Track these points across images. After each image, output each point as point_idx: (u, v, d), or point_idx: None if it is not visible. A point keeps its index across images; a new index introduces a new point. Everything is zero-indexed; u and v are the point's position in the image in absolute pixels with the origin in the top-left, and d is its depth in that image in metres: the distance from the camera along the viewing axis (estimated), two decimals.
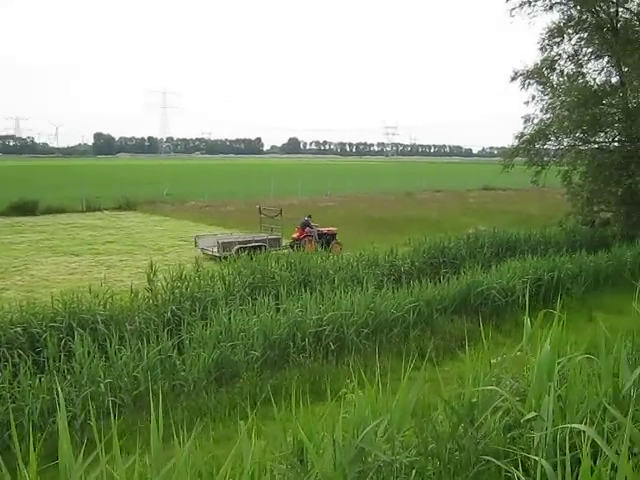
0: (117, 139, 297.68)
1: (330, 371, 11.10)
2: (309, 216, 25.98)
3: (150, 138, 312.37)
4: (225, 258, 18.71)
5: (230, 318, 11.70)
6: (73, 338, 10.45)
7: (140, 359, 10.18)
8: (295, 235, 24.92)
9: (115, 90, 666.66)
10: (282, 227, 25.56)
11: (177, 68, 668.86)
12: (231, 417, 9.36)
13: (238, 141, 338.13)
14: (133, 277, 18.71)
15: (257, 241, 23.72)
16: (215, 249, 23.13)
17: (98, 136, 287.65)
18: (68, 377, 9.62)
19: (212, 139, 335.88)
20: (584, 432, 2.98)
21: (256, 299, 12.91)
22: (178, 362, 10.55)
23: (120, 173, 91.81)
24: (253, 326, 11.51)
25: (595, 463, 2.86)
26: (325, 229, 25.83)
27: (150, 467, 3.03)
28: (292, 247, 23.48)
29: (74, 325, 11.12)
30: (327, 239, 25.02)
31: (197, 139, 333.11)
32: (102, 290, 12.77)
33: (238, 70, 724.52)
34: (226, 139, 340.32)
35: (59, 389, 3.57)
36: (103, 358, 10.15)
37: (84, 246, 27.51)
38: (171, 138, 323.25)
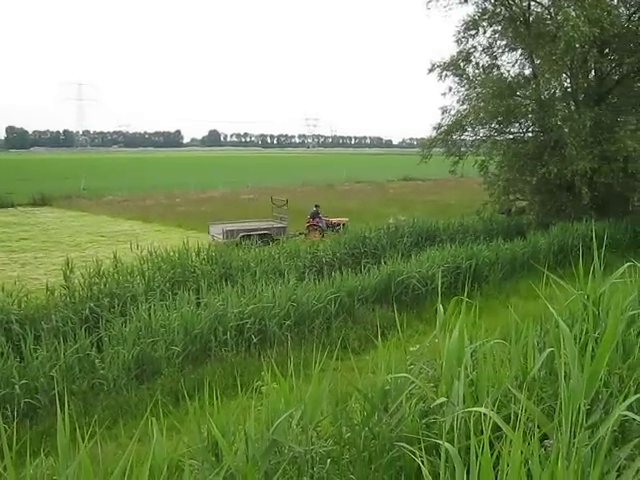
0: (31, 133, 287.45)
1: (252, 364, 11.09)
2: (317, 206, 27.01)
3: (66, 131, 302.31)
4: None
5: (150, 314, 11.53)
6: None
7: (57, 358, 9.95)
8: (307, 224, 25.98)
9: (28, 82, 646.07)
10: (289, 216, 26.27)
11: (93, 59, 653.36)
12: (152, 414, 9.24)
13: (157, 134, 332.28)
14: (49, 275, 18.22)
15: (262, 229, 24.27)
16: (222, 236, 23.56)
17: (10, 129, 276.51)
18: None
19: (130, 132, 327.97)
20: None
21: (177, 294, 12.76)
22: (97, 360, 10.34)
23: (34, 168, 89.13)
24: (174, 321, 11.39)
25: None
26: (336, 219, 26.71)
27: (56, 468, 2.97)
28: (305, 235, 25.12)
29: None
30: (337, 229, 25.42)
31: (115, 132, 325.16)
32: (16, 288, 12.39)
33: (156, 61, 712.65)
34: (145, 132, 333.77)
35: None
36: (18, 359, 9.88)
37: None
38: (88, 131, 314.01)
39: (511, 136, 28.78)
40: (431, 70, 28.25)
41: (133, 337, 10.84)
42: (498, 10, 27.05)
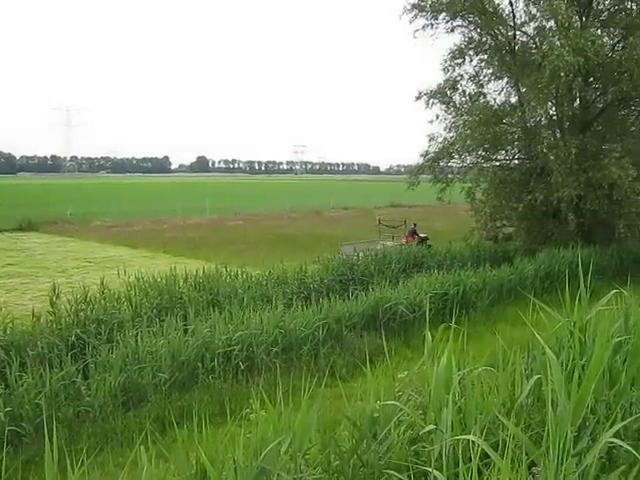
0: (18, 158, 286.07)
1: (240, 391, 11.02)
2: (415, 224, 29.94)
3: (53, 157, 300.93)
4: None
5: (137, 340, 11.44)
6: None
7: (42, 385, 9.82)
8: (404, 240, 27.53)
9: (16, 106, 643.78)
10: (403, 235, 29.01)
11: (81, 84, 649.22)
12: (138, 442, 9.16)
13: (145, 160, 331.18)
14: (35, 300, 18.08)
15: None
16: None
17: None
18: None
19: (118, 158, 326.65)
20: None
21: (164, 320, 12.69)
22: (83, 387, 10.22)
23: (21, 193, 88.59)
24: (161, 348, 11.30)
25: None
26: (423, 235, 29.44)
27: None
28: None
29: None
30: (426, 244, 27.08)
31: (102, 158, 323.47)
32: (1, 314, 12.30)
33: (144, 87, 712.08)
34: (133, 157, 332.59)
35: None
36: (2, 386, 9.78)
37: None
38: (75, 157, 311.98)
39: (497, 163, 29.04)
40: (418, 98, 28.50)
41: (120, 364, 10.74)
42: (484, 39, 27.46)
